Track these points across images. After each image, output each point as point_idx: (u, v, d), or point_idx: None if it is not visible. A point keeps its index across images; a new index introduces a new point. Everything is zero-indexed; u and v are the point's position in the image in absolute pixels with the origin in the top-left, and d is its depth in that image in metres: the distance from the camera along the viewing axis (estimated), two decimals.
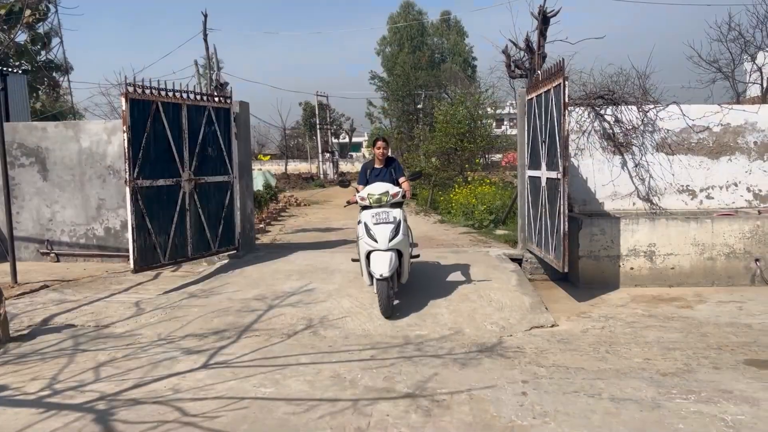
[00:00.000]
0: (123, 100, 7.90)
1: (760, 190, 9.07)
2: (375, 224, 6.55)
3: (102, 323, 6.60)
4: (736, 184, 9.09)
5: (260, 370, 5.09)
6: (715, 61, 18.71)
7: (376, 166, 7.49)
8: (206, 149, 9.21)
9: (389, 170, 7.41)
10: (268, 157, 50.44)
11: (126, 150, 7.88)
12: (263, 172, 21.69)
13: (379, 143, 7.42)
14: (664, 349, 5.49)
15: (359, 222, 6.85)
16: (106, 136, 10.21)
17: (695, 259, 8.09)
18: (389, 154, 7.70)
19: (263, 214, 16.80)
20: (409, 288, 7.39)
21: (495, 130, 25.60)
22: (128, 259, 8.48)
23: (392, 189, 6.85)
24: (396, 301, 6.80)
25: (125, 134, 7.86)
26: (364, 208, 6.87)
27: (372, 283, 6.60)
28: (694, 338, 5.82)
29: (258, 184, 19.41)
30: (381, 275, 6.27)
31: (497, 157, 29.30)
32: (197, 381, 4.86)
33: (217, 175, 9.45)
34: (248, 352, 5.56)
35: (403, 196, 6.96)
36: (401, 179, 7.32)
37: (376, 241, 6.46)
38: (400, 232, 6.56)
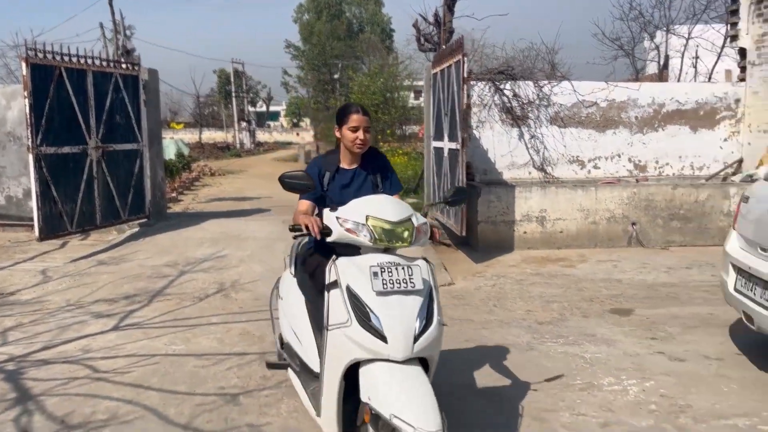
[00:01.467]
0: (23, 64, 7.70)
1: (640, 161, 10.00)
2: (380, 294, 2.78)
3: (7, 291, 6.56)
4: (619, 155, 9.98)
5: (171, 330, 5.31)
6: (618, 39, 19.73)
7: (345, 166, 3.51)
8: (114, 117, 9.10)
9: (370, 178, 3.53)
10: (181, 125, 48.80)
11: (28, 116, 7.71)
12: (175, 141, 21.29)
13: (356, 116, 3.36)
14: (545, 302, 6.15)
15: (329, 287, 2.93)
16: (5, 101, 9.83)
17: (581, 224, 8.87)
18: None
19: (175, 183, 16.58)
20: None
21: (412, 101, 26.13)
22: (32, 228, 8.34)
23: (417, 216, 3.07)
24: None
25: (27, 100, 7.68)
26: (334, 248, 3.11)
27: None
28: (572, 292, 6.53)
29: (170, 153, 19.08)
30: None
31: (415, 128, 29.94)
32: (108, 341, 5.03)
33: (125, 142, 9.37)
34: (159, 314, 5.75)
35: (431, 238, 3.19)
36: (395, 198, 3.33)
37: (384, 337, 2.70)
38: (435, 316, 2.87)
